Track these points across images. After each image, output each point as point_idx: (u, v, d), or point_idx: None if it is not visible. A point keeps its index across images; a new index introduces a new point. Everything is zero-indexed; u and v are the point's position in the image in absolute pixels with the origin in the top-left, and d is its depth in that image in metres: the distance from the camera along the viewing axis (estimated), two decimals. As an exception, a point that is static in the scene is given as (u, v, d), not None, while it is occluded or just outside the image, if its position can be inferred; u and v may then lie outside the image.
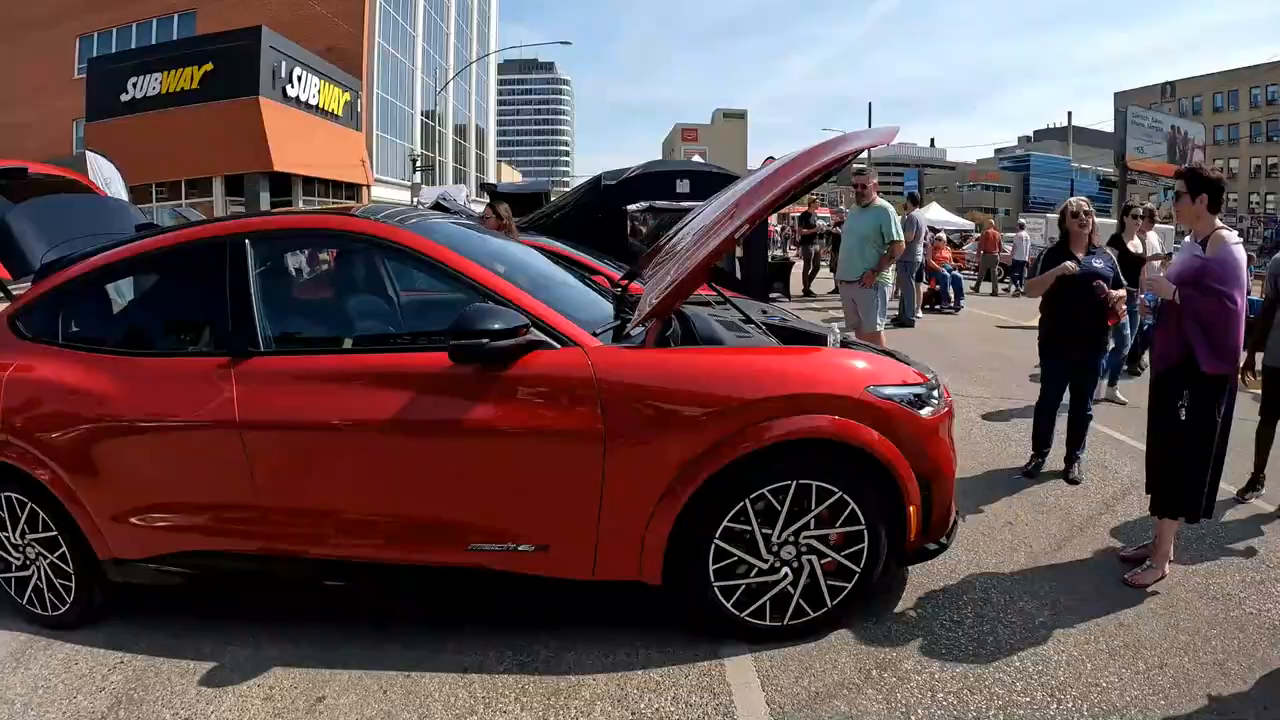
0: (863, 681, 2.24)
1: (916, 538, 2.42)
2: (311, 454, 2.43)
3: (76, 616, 2.68)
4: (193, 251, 2.67)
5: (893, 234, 5.64)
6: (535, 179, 64.02)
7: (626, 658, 2.40)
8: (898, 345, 3.38)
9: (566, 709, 2.18)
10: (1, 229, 2.79)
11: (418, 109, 34.63)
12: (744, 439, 2.20)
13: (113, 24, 26.45)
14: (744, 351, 2.44)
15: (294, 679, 2.39)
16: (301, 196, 21.90)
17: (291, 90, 21.02)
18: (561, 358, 2.27)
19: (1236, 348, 2.66)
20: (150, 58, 20.64)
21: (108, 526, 2.54)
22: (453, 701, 2.25)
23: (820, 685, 2.22)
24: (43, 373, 2.60)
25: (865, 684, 2.23)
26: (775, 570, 2.33)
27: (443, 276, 2.43)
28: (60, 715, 2.26)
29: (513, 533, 2.34)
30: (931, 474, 2.38)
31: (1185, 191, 2.72)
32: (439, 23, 38.33)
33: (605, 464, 2.23)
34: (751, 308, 3.76)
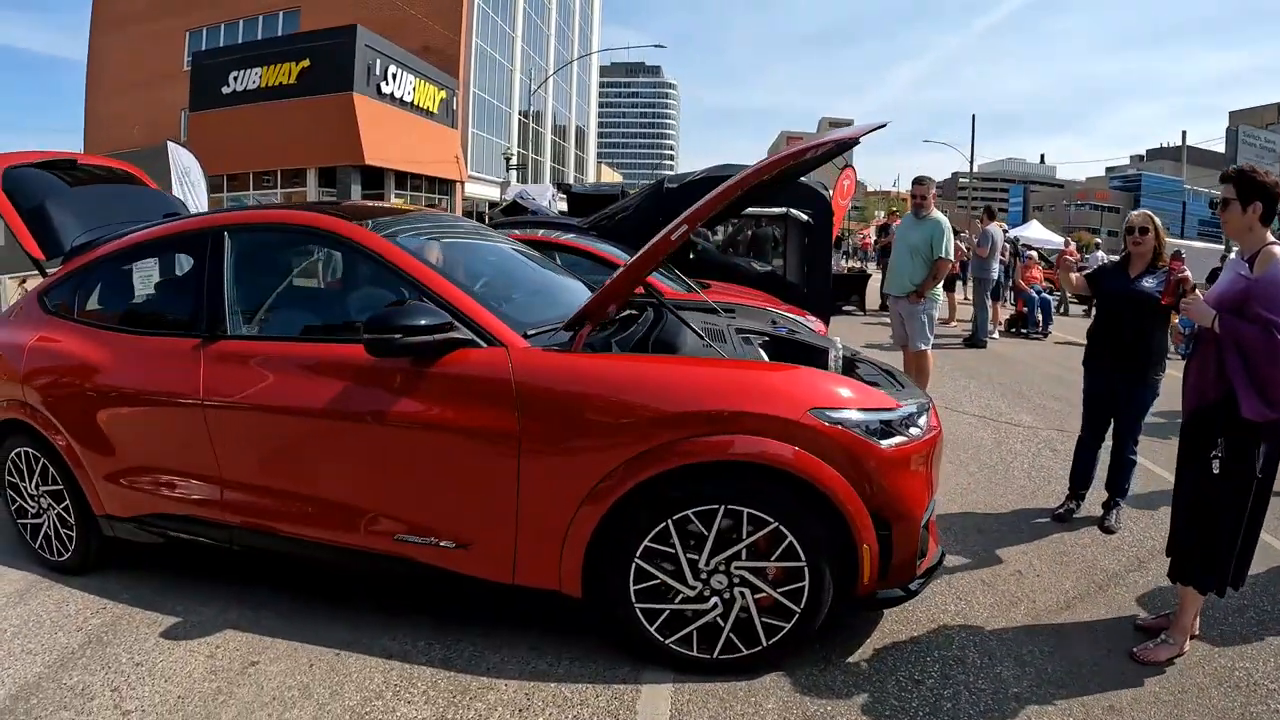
0: (783, 732, 2.04)
1: (872, 581, 2.18)
2: (259, 433, 2.52)
3: (77, 563, 2.93)
4: (181, 241, 2.85)
5: (942, 250, 5.23)
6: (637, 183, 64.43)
7: (546, 668, 2.32)
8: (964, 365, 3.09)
9: (467, 709, 2.14)
10: (40, 213, 3.07)
11: (515, 108, 35.31)
12: (666, 454, 2.06)
13: (220, 19, 28.49)
14: (680, 362, 2.27)
15: (239, 642, 2.50)
16: (393, 190, 22.73)
17: (386, 87, 21.79)
18: (483, 357, 2.22)
19: None
20: (250, 53, 21.89)
21: (101, 485, 2.76)
22: (366, 683, 2.27)
23: None
24: (57, 344, 2.86)
25: (782, 735, 2.03)
26: (704, 599, 2.17)
27: (388, 274, 2.44)
28: (39, 647, 2.48)
29: (434, 528, 2.31)
30: (891, 512, 2.13)
31: (1234, 198, 2.24)
32: (539, 24, 38.98)
33: (520, 467, 2.16)
34: (760, 318, 3.57)
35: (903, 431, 2.21)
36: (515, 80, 34.82)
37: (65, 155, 3.50)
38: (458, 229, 3.48)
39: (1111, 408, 3.53)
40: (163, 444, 2.66)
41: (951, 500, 3.90)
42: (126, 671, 2.35)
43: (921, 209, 5.45)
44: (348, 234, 2.51)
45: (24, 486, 2.97)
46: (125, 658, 2.41)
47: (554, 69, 39.06)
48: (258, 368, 2.50)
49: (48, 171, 3.29)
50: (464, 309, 2.27)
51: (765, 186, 2.49)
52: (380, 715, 2.12)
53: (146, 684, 2.29)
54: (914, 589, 2.33)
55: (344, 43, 20.12)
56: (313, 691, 2.23)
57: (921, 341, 5.42)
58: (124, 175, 3.77)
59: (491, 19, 31.73)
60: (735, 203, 2.62)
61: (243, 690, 2.25)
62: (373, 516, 2.38)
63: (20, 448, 2.92)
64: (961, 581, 2.97)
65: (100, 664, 2.38)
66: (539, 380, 2.17)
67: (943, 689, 2.25)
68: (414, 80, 23.55)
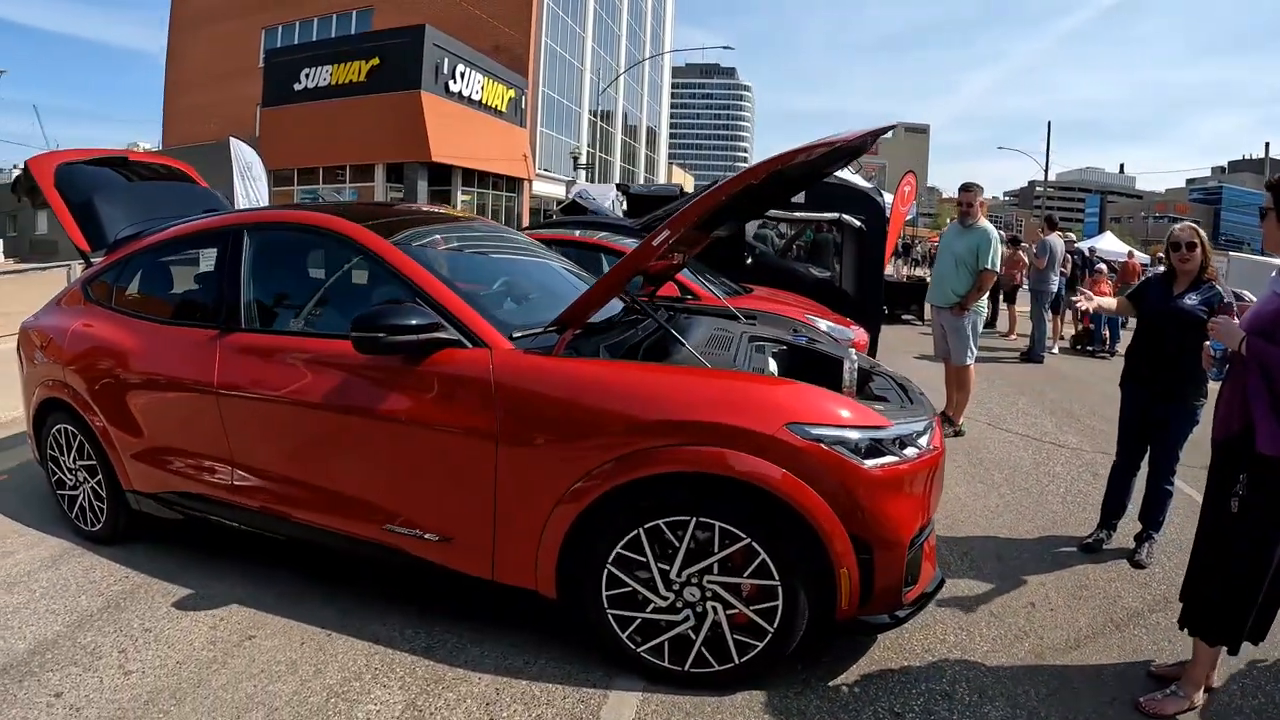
0: (742, 755, 1.99)
1: (852, 606, 2.10)
2: (264, 420, 2.65)
3: (107, 534, 3.14)
4: (206, 237, 3.01)
5: (987, 261, 4.98)
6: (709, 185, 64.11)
7: (522, 665, 2.34)
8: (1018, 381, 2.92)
9: (437, 699, 2.18)
10: (88, 207, 3.31)
11: (585, 108, 35.41)
12: (636, 462, 2.04)
13: (295, 17, 29.49)
14: (659, 370, 2.23)
15: (241, 617, 2.64)
16: (460, 187, 23.10)
17: (454, 86, 22.11)
18: (467, 357, 2.26)
19: None
20: (322, 51, 22.56)
21: (129, 462, 2.95)
22: (349, 664, 2.35)
23: None
24: (96, 330, 3.08)
25: (743, 758, 1.97)
26: (676, 610, 2.14)
27: (385, 273, 2.51)
28: (62, 608, 2.69)
29: (419, 521, 2.37)
30: (873, 535, 2.04)
31: (1272, 208, 2.03)
32: (610, 24, 38.90)
33: (498, 466, 2.19)
34: (781, 325, 3.49)
35: (893, 451, 2.11)
36: (586, 80, 34.95)
37: (117, 153, 3.76)
38: (477, 233, 3.54)
39: (1149, 433, 3.30)
40: (182, 427, 2.82)
41: (974, 522, 3.74)
42: (136, 636, 2.51)
43: (968, 217, 5.21)
44: (349, 233, 2.60)
45: (63, 460, 3.21)
46: (137, 623, 2.58)
47: (624, 69, 39.04)
48: (264, 359, 2.62)
49: (101, 168, 3.52)
50: (452, 310, 2.32)
51: (766, 191, 2.42)
52: (356, 696, 2.19)
53: (151, 648, 2.44)
54: (901, 616, 2.23)
55: (412, 42, 20.53)
56: (299, 667, 2.33)
57: (964, 356, 5.19)
58: (175, 173, 4.01)
59: (561, 19, 31.91)
60: (732, 208, 2.57)
61: (236, 661, 2.37)
62: (364, 505, 2.46)
63: (61, 424, 3.16)
64: (967, 610, 2.83)
65: (114, 627, 2.55)
66: (517, 382, 2.19)
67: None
68: (483, 79, 23.89)
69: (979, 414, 6.02)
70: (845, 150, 2.45)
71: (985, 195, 5.81)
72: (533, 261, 3.36)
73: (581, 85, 34.72)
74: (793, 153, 2.12)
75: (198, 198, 3.84)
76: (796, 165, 2.24)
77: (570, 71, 33.51)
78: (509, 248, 3.48)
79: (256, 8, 29.58)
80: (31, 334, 3.34)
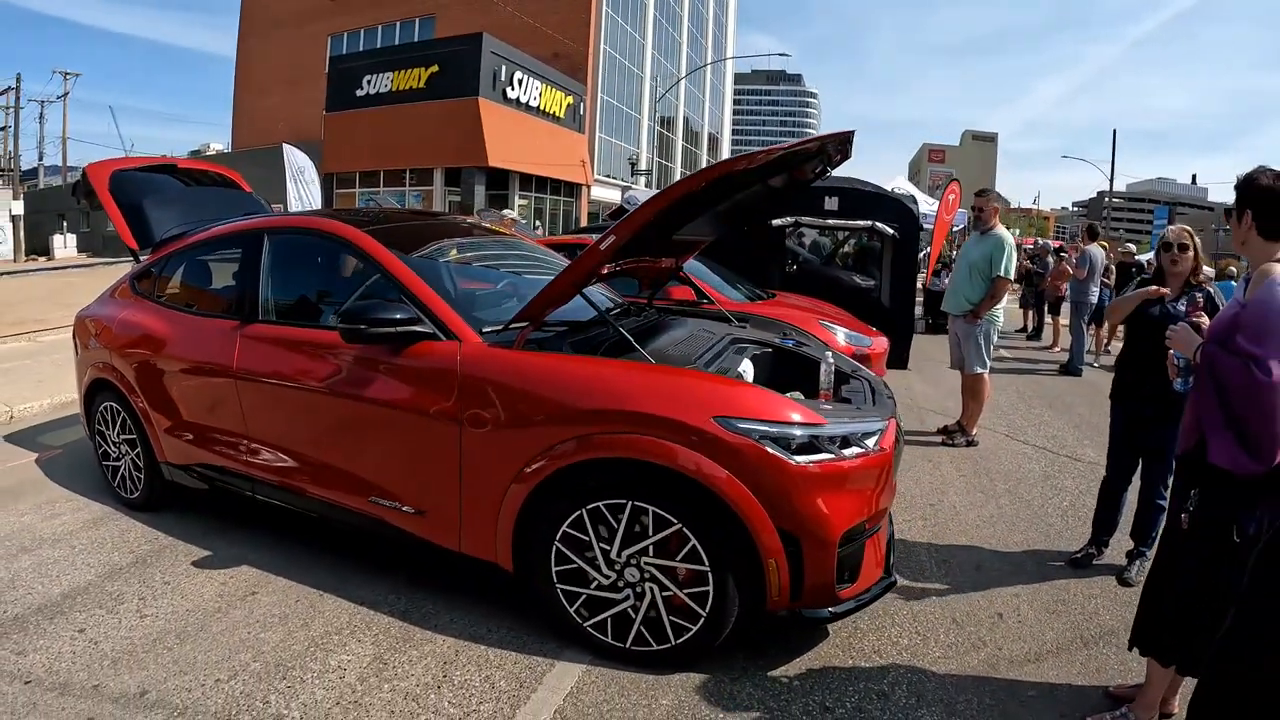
0: (662, 731, 2.09)
1: (783, 598, 2.20)
2: (271, 401, 2.95)
3: (144, 501, 3.53)
4: (234, 239, 3.34)
5: (1001, 268, 4.90)
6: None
7: (485, 632, 2.55)
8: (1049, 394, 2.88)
9: (400, 655, 2.41)
10: (137, 210, 3.72)
11: (645, 114, 35.69)
12: (577, 447, 2.21)
13: (361, 25, 30.73)
14: (603, 364, 2.38)
15: (249, 576, 2.96)
16: (517, 192, 23.61)
17: (511, 92, 22.60)
18: (439, 349, 2.50)
19: (1273, 439, 1.80)
20: (383, 58, 23.37)
21: (163, 436, 3.33)
22: (332, 620, 2.62)
23: (619, 716, 2.14)
24: (139, 319, 3.48)
25: (663, 734, 2.08)
26: (617, 589, 2.29)
27: (376, 271, 2.78)
28: (97, 562, 3.07)
29: (397, 494, 2.62)
30: (801, 529, 2.13)
31: (1237, 207, 1.94)
32: (670, 31, 39.00)
33: (462, 446, 2.40)
34: (773, 329, 3.60)
35: (829, 449, 2.19)
36: (646, 87, 35.21)
37: (165, 161, 4.19)
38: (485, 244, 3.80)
39: (1140, 447, 3.24)
40: (208, 406, 3.17)
41: (963, 531, 3.74)
42: (156, 587, 2.84)
43: (980, 222, 5.14)
44: (346, 236, 2.90)
45: (109, 435, 3.63)
46: (159, 577, 2.93)
47: (683, 75, 39.08)
48: (273, 347, 2.94)
49: (152, 174, 3.94)
50: (430, 305, 2.57)
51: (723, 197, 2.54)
52: (333, 647, 2.45)
53: (167, 598, 2.76)
54: (838, 613, 2.30)
55: (470, 50, 21.14)
56: (289, 620, 2.61)
57: (976, 364, 5.12)
58: (220, 178, 4.41)
59: (621, 26, 32.22)
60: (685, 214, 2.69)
61: (237, 612, 2.67)
62: (354, 479, 2.73)
63: (107, 402, 3.59)
64: (930, 616, 2.84)
65: (138, 579, 2.90)
66: (479, 371, 2.41)
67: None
68: (540, 86, 24.34)
69: (999, 424, 5.92)
70: (804, 156, 2.55)
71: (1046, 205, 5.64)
72: (534, 268, 3.58)
73: (641, 92, 34.95)
74: (736, 160, 2.24)
75: (240, 202, 4.24)
76: (751, 172, 2.35)
77: (630, 78, 33.77)
78: (513, 258, 3.73)
79: (323, 15, 30.98)
80: (86, 322, 3.79)
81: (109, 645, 2.45)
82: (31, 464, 4.30)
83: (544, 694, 2.22)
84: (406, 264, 2.71)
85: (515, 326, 2.52)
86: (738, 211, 3.37)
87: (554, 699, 2.19)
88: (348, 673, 2.31)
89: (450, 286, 2.84)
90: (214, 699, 2.18)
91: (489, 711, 2.14)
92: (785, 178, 2.92)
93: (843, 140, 2.57)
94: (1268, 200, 1.89)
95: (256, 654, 2.40)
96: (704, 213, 2.82)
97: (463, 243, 3.51)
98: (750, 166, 2.31)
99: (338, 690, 2.23)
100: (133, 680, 2.27)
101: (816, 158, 2.71)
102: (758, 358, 3.11)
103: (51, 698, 2.19)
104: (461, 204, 20.44)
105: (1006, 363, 9.10)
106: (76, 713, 2.12)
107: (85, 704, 2.16)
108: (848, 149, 2.80)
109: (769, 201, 3.43)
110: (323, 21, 31.08)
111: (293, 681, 2.27)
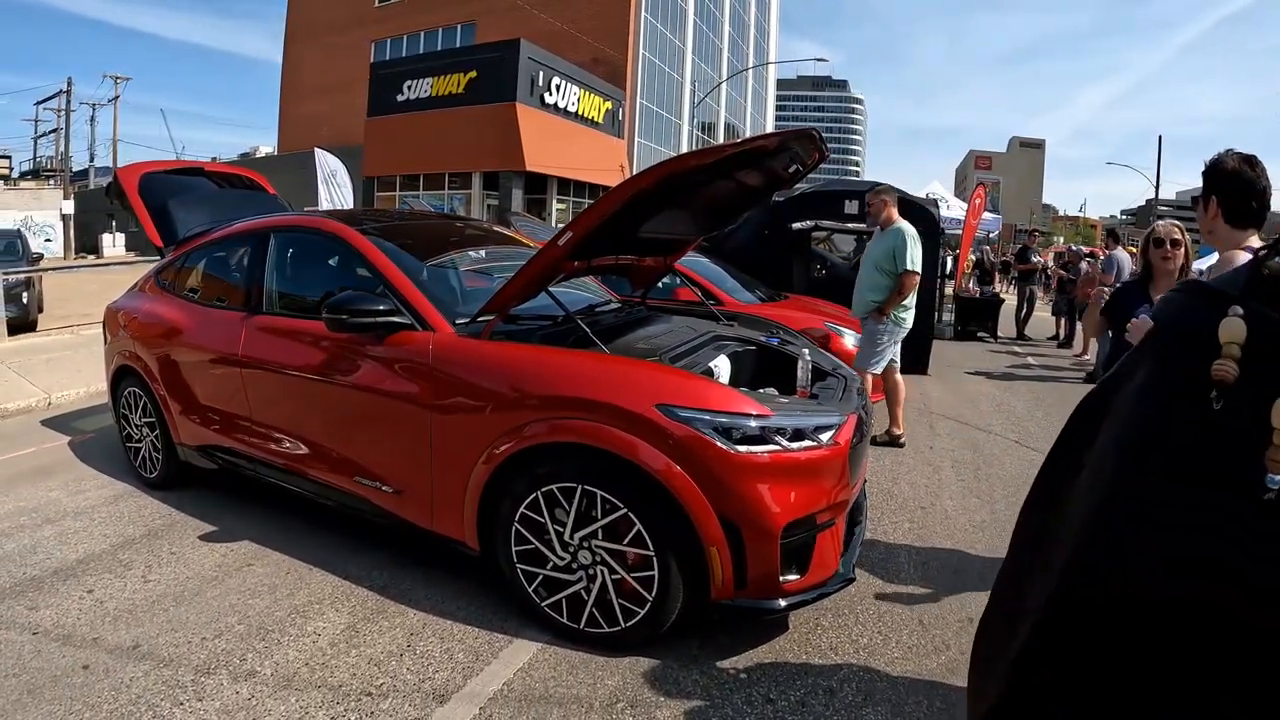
0: (601, 709, 2.15)
1: (727, 587, 2.25)
2: (270, 386, 3.17)
3: (162, 480, 3.81)
4: (245, 236, 3.58)
5: (905, 262, 4.67)
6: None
7: (455, 609, 2.69)
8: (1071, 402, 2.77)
9: (371, 626, 2.57)
10: (163, 210, 4.00)
11: (685, 119, 35.64)
12: (530, 431, 2.34)
13: (403, 31, 31.35)
14: (555, 354, 2.49)
15: (247, 549, 3.17)
16: (555, 196, 23.84)
17: (550, 98, 22.80)
18: (415, 338, 2.67)
19: None
20: (423, 64, 23.84)
21: (180, 419, 3.58)
22: (316, 591, 2.81)
23: (563, 693, 2.24)
24: (160, 311, 3.76)
25: (600, 712, 2.14)
26: (571, 570, 2.40)
27: (363, 265, 2.98)
28: (112, 533, 3.33)
29: (376, 474, 2.79)
30: (741, 519, 2.20)
31: (1203, 194, 1.91)
32: (711, 37, 38.87)
33: (432, 430, 2.57)
34: (762, 328, 3.67)
35: (775, 441, 2.25)
36: (685, 92, 35.20)
37: (193, 164, 4.47)
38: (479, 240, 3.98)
39: None
40: (217, 391, 3.40)
41: (950, 535, 3.71)
42: (162, 557, 3.08)
43: (873, 219, 4.98)
44: (337, 233, 3.11)
45: (132, 418, 3.92)
46: (166, 548, 3.16)
47: (723, 79, 38.94)
48: (272, 336, 3.16)
49: (180, 177, 4.22)
50: (409, 297, 2.75)
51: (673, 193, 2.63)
52: (312, 615, 2.64)
53: (170, 566, 2.99)
54: (784, 605, 2.33)
55: (508, 56, 21.44)
56: (277, 590, 2.81)
57: (866, 361, 4.81)
58: (246, 181, 4.68)
59: (660, 32, 32.27)
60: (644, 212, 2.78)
61: (231, 580, 2.88)
62: (340, 459, 2.92)
63: (131, 388, 3.88)
64: (896, 616, 2.81)
65: (147, 549, 3.15)
66: (447, 359, 2.57)
67: (790, 714, 2.16)
68: (579, 91, 24.52)
69: (1009, 430, 5.82)
70: (768, 153, 2.62)
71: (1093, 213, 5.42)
72: None
73: (681, 97, 34.93)
74: (686, 157, 2.34)
75: (262, 203, 4.50)
76: (707, 169, 2.44)
77: (669, 83, 33.78)
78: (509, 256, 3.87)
79: (367, 22, 31.78)
80: (116, 314, 4.10)
81: (112, 605, 2.68)
82: (65, 446, 4.65)
83: (497, 667, 2.34)
84: (390, 259, 2.89)
85: (483, 319, 2.66)
86: (720, 209, 3.45)
87: (505, 672, 2.31)
88: (321, 638, 2.48)
89: (429, 280, 3.00)
90: (198, 654, 2.38)
91: (442, 680, 2.28)
92: (759, 176, 2.99)
93: (807, 138, 2.63)
94: (1234, 184, 1.86)
95: (242, 618, 2.60)
96: (667, 210, 2.91)
97: (457, 241, 3.68)
98: (701, 164, 2.40)
99: (309, 652, 2.40)
100: (129, 635, 2.49)
101: (784, 155, 2.78)
102: (739, 355, 3.19)
103: (55, 647, 2.42)
104: (499, 208, 20.69)
105: (1031, 370, 8.91)
106: (75, 659, 2.34)
107: (84, 653, 2.38)
108: (822, 148, 2.84)
109: (750, 199, 3.48)
110: (366, 28, 31.92)
111: (270, 643, 2.45)
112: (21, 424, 5.20)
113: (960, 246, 12.40)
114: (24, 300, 8.60)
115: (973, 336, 11.36)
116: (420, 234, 3.54)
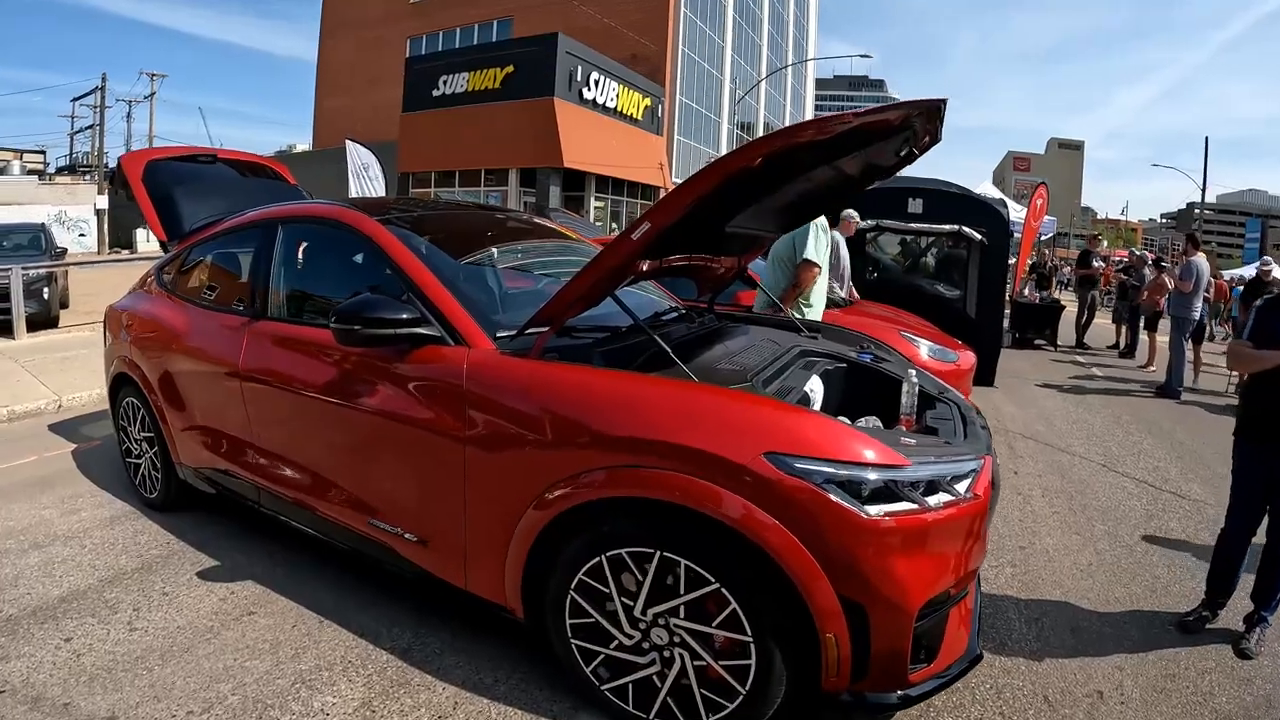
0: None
1: (842, 678, 1.77)
2: (274, 404, 2.69)
3: (161, 501, 3.38)
4: (248, 229, 3.09)
5: (805, 251, 4.15)
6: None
7: (491, 682, 2.23)
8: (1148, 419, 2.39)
9: (395, 702, 2.12)
10: (169, 201, 3.56)
11: (725, 117, 34.81)
12: (590, 480, 1.84)
13: (439, 27, 30.82)
14: (634, 381, 1.97)
15: (250, 592, 2.74)
16: (593, 192, 23.06)
17: (588, 94, 22.07)
18: (445, 355, 2.16)
19: None
20: (459, 59, 23.17)
21: (177, 435, 3.15)
22: (326, 653, 2.36)
23: None
24: (159, 313, 3.31)
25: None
26: (641, 651, 1.93)
27: (383, 264, 2.45)
28: (103, 564, 2.92)
29: (397, 518, 2.31)
30: (869, 596, 1.70)
31: None
32: (750, 34, 37.99)
33: (466, 470, 2.07)
34: (849, 341, 3.16)
35: (911, 497, 1.75)
36: (725, 89, 34.41)
37: (206, 150, 4.02)
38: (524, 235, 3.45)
39: (1271, 493, 2.68)
40: (216, 407, 2.94)
41: (1058, 582, 3.20)
42: (153, 597, 2.66)
43: None
44: (354, 224, 2.60)
45: (130, 431, 3.49)
46: (159, 587, 2.74)
47: (763, 76, 38.16)
48: (277, 346, 2.68)
49: (190, 164, 3.78)
50: (439, 305, 2.23)
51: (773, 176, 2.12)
52: (320, 685, 2.18)
53: (161, 610, 2.57)
54: (913, 696, 1.86)
55: (545, 50, 20.78)
56: (280, 649, 2.36)
57: None
58: (265, 170, 4.24)
59: (699, 28, 31.45)
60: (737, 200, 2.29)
61: (229, 633, 2.44)
62: (351, 497, 2.44)
63: (129, 397, 3.44)
64: (1018, 692, 2.38)
65: (138, 588, 2.73)
66: (486, 382, 2.06)
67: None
68: (618, 87, 23.76)
69: (1094, 451, 5.29)
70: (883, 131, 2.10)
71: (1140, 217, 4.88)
72: (569, 261, 3.22)
73: (721, 94, 34.16)
74: (803, 127, 1.81)
75: (281, 193, 4.04)
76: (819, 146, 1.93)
77: (709, 81, 33.02)
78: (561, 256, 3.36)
79: (402, 18, 31.45)
80: (117, 315, 3.66)
81: (90, 660, 2.27)
82: (68, 455, 4.28)
83: (544, 767, 1.88)
84: (416, 256, 2.39)
85: (533, 331, 2.17)
86: (804, 203, 2.93)
87: (555, 774, 1.85)
88: (330, 718, 2.03)
89: (464, 283, 2.49)
90: (182, 738, 1.94)
91: (480, 787, 1.82)
92: (861, 161, 2.45)
93: (931, 112, 2.11)
94: None
95: (237, 685, 2.16)
96: (761, 198, 2.40)
97: (496, 235, 3.19)
98: (819, 137, 1.86)
99: (315, 742, 1.95)
100: (104, 702, 2.07)
101: (899, 136, 2.25)
102: (829, 374, 2.69)
103: (21, 712, 2.02)
104: (536, 204, 20.24)
105: (1098, 381, 8.29)
106: (38, 738, 1.92)
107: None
108: (937, 127, 2.32)
109: (841, 193, 2.96)
110: (401, 24, 31.57)
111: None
112: (29, 428, 4.86)
113: (1019, 250, 11.69)
114: (45, 296, 8.33)
115: (1030, 344, 10.77)
116: (454, 226, 3.02)
